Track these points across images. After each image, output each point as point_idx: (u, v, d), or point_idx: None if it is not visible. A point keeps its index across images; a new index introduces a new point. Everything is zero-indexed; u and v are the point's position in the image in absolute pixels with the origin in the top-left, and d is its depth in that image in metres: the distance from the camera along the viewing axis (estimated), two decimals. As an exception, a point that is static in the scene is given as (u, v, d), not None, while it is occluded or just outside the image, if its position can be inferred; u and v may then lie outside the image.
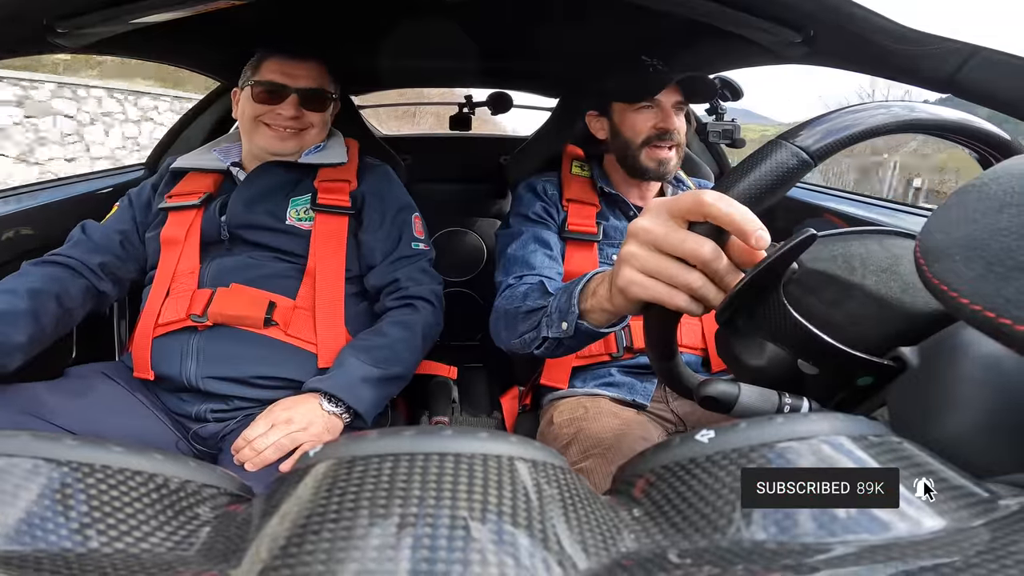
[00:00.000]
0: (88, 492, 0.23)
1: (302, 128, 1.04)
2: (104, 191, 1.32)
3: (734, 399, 0.43)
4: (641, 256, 0.44)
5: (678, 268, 0.42)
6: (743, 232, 0.38)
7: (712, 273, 0.41)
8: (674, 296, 0.43)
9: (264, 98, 1.02)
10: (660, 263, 0.43)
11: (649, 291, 0.44)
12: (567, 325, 0.68)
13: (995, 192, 0.27)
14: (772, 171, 0.40)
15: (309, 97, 1.03)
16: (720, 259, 0.41)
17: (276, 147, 1.03)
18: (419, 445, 0.23)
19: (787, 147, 0.40)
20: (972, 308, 0.24)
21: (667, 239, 0.42)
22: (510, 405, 1.17)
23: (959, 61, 0.59)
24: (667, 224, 0.42)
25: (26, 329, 0.84)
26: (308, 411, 0.85)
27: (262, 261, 0.99)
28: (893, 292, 0.38)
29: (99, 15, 0.75)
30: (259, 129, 1.03)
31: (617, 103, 1.05)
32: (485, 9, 1.06)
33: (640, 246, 0.44)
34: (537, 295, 0.83)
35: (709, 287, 0.42)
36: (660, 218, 0.42)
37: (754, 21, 0.73)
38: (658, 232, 0.42)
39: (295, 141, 1.04)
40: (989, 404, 0.29)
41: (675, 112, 1.02)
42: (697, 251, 0.40)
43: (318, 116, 1.05)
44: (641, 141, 1.02)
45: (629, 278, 0.45)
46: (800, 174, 0.40)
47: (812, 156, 0.40)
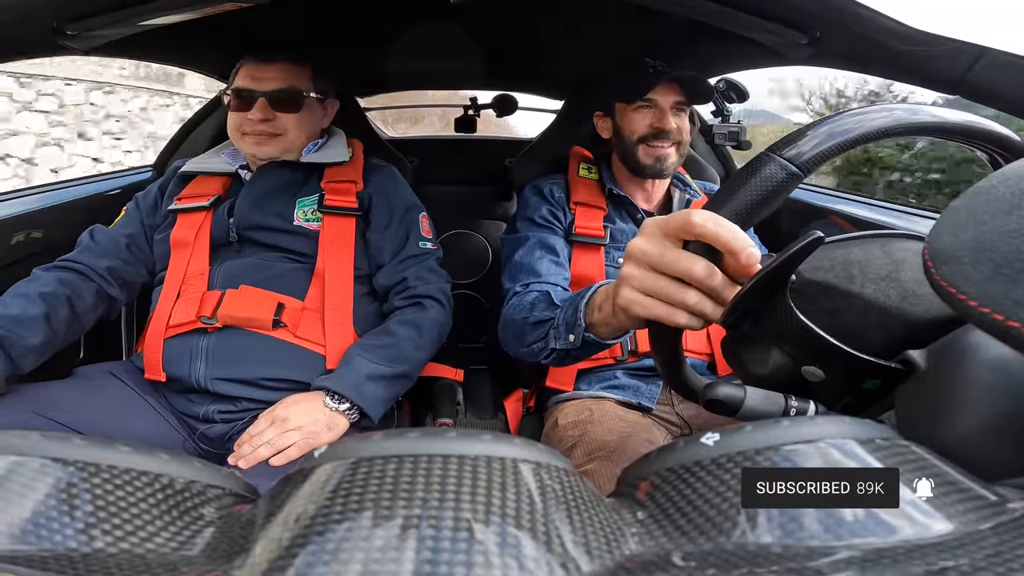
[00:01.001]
0: (94, 492, 0.23)
1: (277, 132, 1.02)
2: (112, 192, 1.33)
3: (740, 402, 0.43)
4: (639, 277, 0.45)
5: (675, 287, 0.43)
6: (732, 251, 0.39)
7: (708, 290, 0.43)
8: (673, 314, 0.44)
9: (236, 105, 1.01)
10: (657, 283, 0.44)
11: (649, 310, 0.45)
12: (574, 337, 0.70)
13: (1004, 194, 0.27)
14: (760, 186, 0.40)
15: (278, 99, 1.01)
16: (714, 276, 0.42)
17: (257, 152, 1.03)
18: (423, 447, 0.23)
19: (775, 160, 0.40)
20: (981, 311, 0.24)
21: (662, 259, 0.43)
22: (514, 407, 1.17)
23: (968, 62, 0.58)
24: (662, 244, 0.43)
25: (39, 332, 0.85)
26: (307, 410, 0.86)
27: (271, 262, 0.99)
28: (892, 300, 0.38)
29: (108, 17, 0.75)
30: (241, 137, 1.03)
31: (618, 103, 1.07)
32: (490, 11, 1.07)
33: (637, 267, 0.45)
34: (544, 306, 0.84)
35: (706, 303, 0.43)
36: (655, 238, 0.44)
37: (760, 23, 0.73)
38: (653, 253, 0.44)
39: (272, 146, 1.02)
40: (997, 407, 0.29)
41: (675, 112, 1.03)
42: (690, 271, 0.42)
43: (292, 117, 1.03)
44: (637, 139, 1.04)
45: (629, 298, 0.46)
46: (790, 187, 0.40)
47: (800, 168, 0.39)
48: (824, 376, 0.39)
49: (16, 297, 0.87)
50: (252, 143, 1.02)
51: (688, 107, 1.05)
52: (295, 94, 1.03)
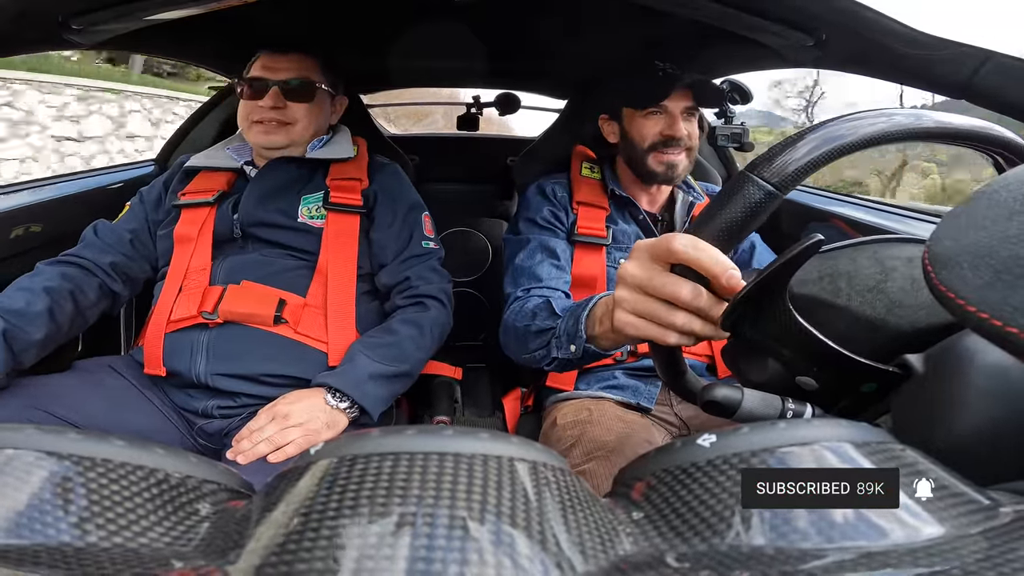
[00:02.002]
0: (88, 486, 0.23)
1: (287, 121, 1.04)
2: (114, 186, 1.33)
3: (737, 404, 0.43)
4: (631, 300, 0.48)
5: (664, 310, 0.46)
6: (713, 275, 0.42)
7: (695, 310, 0.44)
8: (665, 335, 0.47)
9: (249, 94, 1.03)
10: (647, 306, 0.46)
11: (642, 331, 0.48)
12: (575, 348, 0.72)
13: (1005, 199, 0.27)
14: (740, 209, 0.40)
15: (290, 89, 1.03)
16: (700, 297, 0.43)
17: (264, 141, 1.04)
18: (420, 444, 0.23)
19: (752, 181, 0.39)
20: (979, 316, 0.24)
21: (650, 283, 0.45)
22: (512, 406, 1.17)
23: (973, 66, 0.58)
24: (650, 268, 0.46)
25: (43, 327, 0.85)
26: (309, 407, 0.86)
27: (273, 258, 0.99)
28: (878, 312, 0.38)
29: (113, 12, 0.75)
30: (251, 126, 1.04)
31: (626, 108, 1.04)
32: (494, 10, 1.06)
33: (629, 290, 0.48)
34: (545, 315, 0.84)
35: (695, 322, 0.45)
36: (642, 262, 0.46)
37: (765, 24, 0.72)
38: (641, 277, 0.46)
39: (281, 134, 1.04)
40: (994, 412, 0.29)
41: (685, 117, 1.01)
42: (676, 294, 0.44)
43: (303, 107, 1.04)
44: (647, 146, 1.01)
45: (624, 320, 0.49)
46: (769, 207, 0.40)
47: (777, 187, 0.39)
48: (818, 386, 0.40)
49: (20, 291, 0.87)
50: (261, 131, 1.03)
51: (697, 111, 1.03)
52: (308, 84, 1.05)
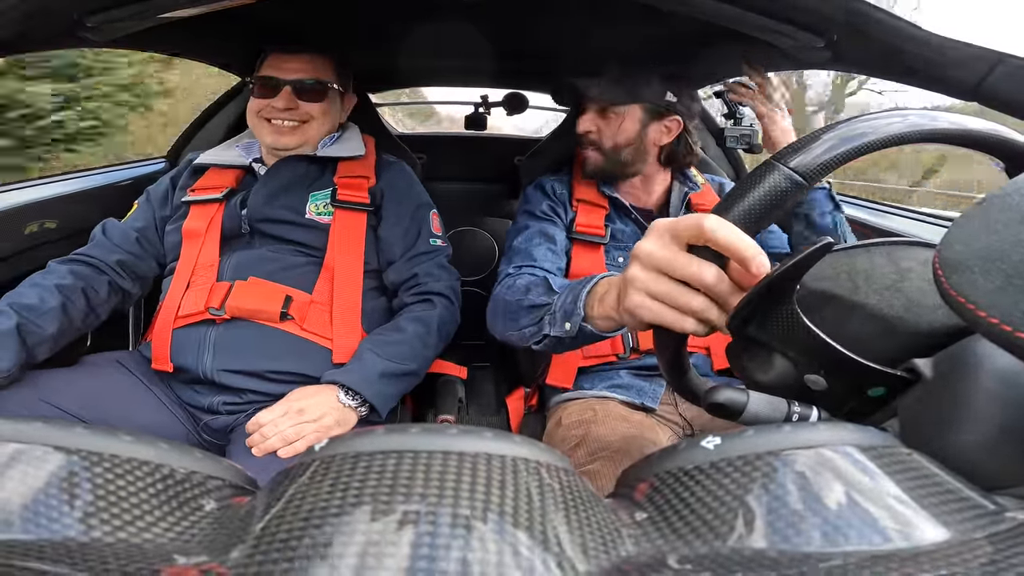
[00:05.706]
0: (94, 481, 0.23)
1: (302, 121, 1.04)
2: (124, 183, 1.34)
3: (742, 406, 0.43)
4: (646, 280, 0.45)
5: (683, 292, 0.43)
6: (743, 260, 0.39)
7: (715, 296, 0.43)
8: (681, 320, 0.44)
9: (261, 93, 1.03)
10: (665, 287, 0.44)
11: (657, 315, 0.45)
12: (570, 326, 0.68)
13: (1017, 203, 0.26)
14: (766, 194, 0.40)
15: (302, 88, 1.03)
16: (722, 282, 0.42)
17: (277, 142, 1.04)
18: (423, 442, 0.23)
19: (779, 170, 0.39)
20: (989, 321, 0.24)
21: (671, 264, 0.43)
22: (516, 405, 1.17)
23: (985, 69, 0.57)
24: (670, 248, 0.43)
25: (56, 322, 0.86)
26: (323, 402, 0.86)
27: (280, 255, 1.00)
28: (895, 311, 0.38)
29: (128, 10, 0.76)
30: (261, 125, 1.04)
31: None
32: (502, 10, 1.07)
33: (644, 269, 0.45)
34: (541, 290, 0.82)
35: (712, 309, 0.43)
36: (663, 241, 0.44)
37: (776, 25, 0.72)
38: (661, 256, 0.43)
39: (295, 136, 1.04)
40: (1002, 418, 0.29)
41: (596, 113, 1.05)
42: (701, 276, 0.42)
43: (316, 107, 1.05)
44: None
45: (638, 302, 0.46)
46: (795, 196, 0.39)
47: (805, 177, 0.39)
48: (827, 385, 0.39)
49: (33, 287, 0.89)
50: (272, 131, 1.03)
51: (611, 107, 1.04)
52: (320, 84, 1.05)
